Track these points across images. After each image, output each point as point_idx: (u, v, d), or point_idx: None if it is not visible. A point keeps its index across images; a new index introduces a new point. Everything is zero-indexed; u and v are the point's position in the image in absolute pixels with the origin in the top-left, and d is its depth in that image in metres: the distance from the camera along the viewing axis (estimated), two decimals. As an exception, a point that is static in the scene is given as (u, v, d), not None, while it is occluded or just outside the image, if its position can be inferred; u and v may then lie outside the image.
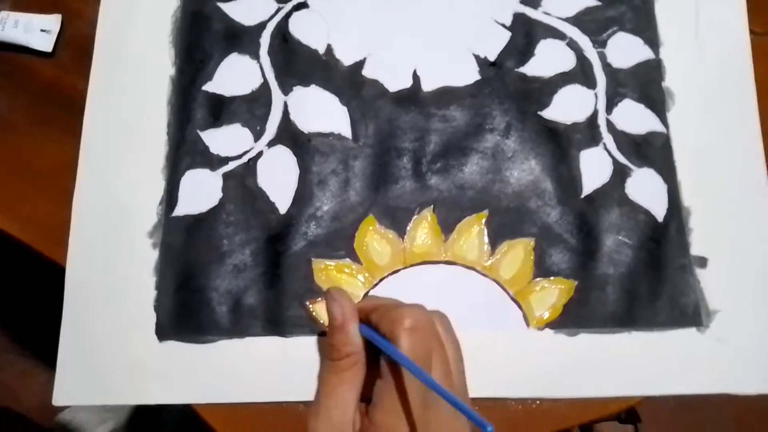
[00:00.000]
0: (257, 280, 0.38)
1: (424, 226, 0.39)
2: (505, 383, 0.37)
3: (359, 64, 0.42)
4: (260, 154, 0.40)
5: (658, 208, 0.39)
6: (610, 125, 0.41)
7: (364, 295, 0.38)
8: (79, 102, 0.42)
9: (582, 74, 0.42)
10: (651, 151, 0.40)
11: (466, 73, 0.42)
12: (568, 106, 0.41)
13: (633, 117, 0.41)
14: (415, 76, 0.42)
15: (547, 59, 0.42)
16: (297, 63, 0.42)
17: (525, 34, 0.43)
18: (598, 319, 0.38)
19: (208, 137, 0.41)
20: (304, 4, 0.43)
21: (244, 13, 0.43)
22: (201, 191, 0.40)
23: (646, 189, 0.40)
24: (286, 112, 0.41)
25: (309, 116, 0.41)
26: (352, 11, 0.43)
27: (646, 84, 0.42)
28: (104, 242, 0.39)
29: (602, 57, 0.42)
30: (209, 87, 0.42)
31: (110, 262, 0.39)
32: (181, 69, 0.42)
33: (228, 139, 0.41)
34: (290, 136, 0.41)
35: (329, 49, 0.42)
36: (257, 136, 0.41)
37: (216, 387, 0.37)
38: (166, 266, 0.39)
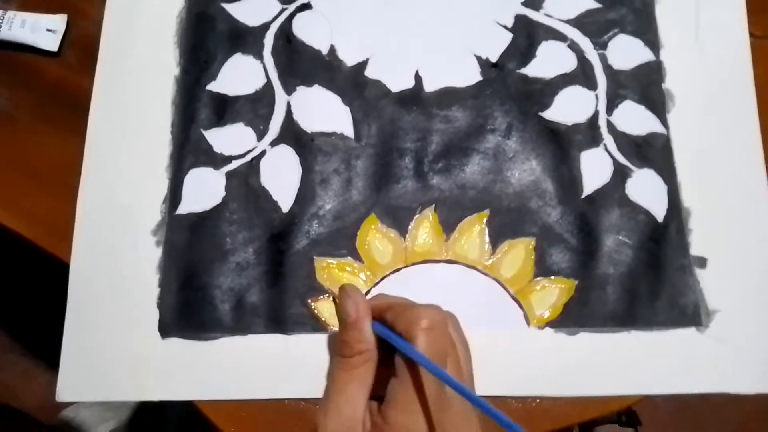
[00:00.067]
0: (260, 278, 0.38)
1: (425, 226, 0.39)
2: (506, 382, 0.37)
3: (362, 65, 0.43)
4: (263, 154, 0.41)
5: (658, 208, 0.40)
6: (611, 126, 0.41)
7: (366, 294, 0.38)
8: (84, 101, 0.42)
9: (583, 75, 0.42)
10: (651, 152, 0.41)
11: (468, 74, 0.42)
12: (569, 107, 0.42)
13: (633, 118, 0.41)
14: (418, 77, 0.42)
15: (549, 61, 0.43)
16: (300, 63, 0.43)
17: (526, 36, 0.43)
18: (598, 319, 0.38)
19: (211, 136, 0.41)
20: (307, 5, 0.44)
21: (248, 13, 0.44)
22: (204, 190, 0.40)
23: (646, 189, 0.40)
24: (289, 112, 0.42)
25: (312, 116, 0.41)
26: (355, 12, 0.44)
27: (646, 85, 0.42)
28: (108, 240, 0.39)
29: (603, 59, 0.43)
30: (213, 87, 0.42)
31: (114, 259, 0.39)
32: (185, 69, 0.43)
33: (231, 139, 0.41)
34: (293, 135, 0.41)
35: (332, 49, 0.43)
36: (260, 136, 0.41)
37: (218, 384, 0.37)
38: (170, 264, 0.39)
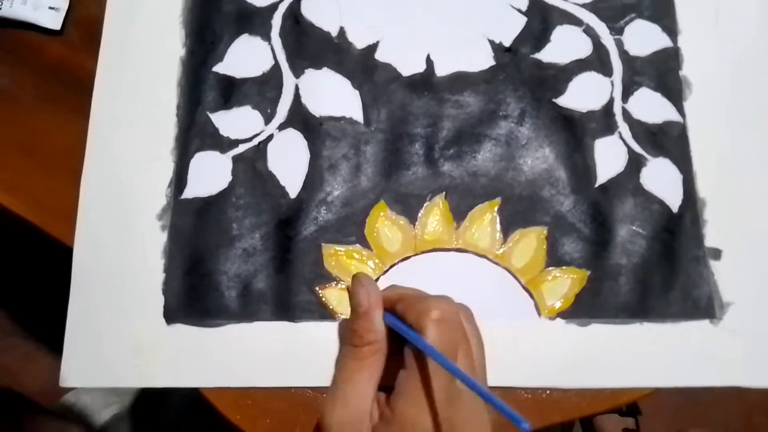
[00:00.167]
0: (266, 264, 0.38)
1: (435, 213, 0.39)
2: (515, 373, 0.36)
3: (372, 48, 0.42)
4: (271, 138, 0.40)
5: (673, 198, 0.39)
6: (626, 114, 0.40)
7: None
8: (87, 81, 0.41)
9: (598, 61, 0.41)
10: (667, 140, 0.40)
11: (481, 59, 0.41)
12: (584, 94, 0.41)
13: (649, 106, 0.40)
14: (429, 61, 0.41)
15: (563, 46, 0.42)
16: (309, 45, 0.42)
17: (541, 20, 0.42)
18: (610, 310, 0.37)
19: (218, 119, 0.40)
20: (316, -14, 0.43)
21: (255, -7, 0.43)
22: (210, 174, 0.39)
23: (661, 179, 0.39)
24: (297, 95, 0.41)
25: (320, 100, 0.40)
26: (365, -7, 0.43)
27: (663, 72, 0.41)
28: (112, 224, 0.39)
29: (619, 44, 0.42)
30: (220, 68, 0.41)
31: (118, 244, 0.38)
32: (191, 50, 0.42)
33: (238, 122, 0.40)
34: (301, 119, 0.40)
35: (342, 31, 0.42)
36: (268, 119, 0.40)
37: (224, 371, 0.37)
38: (175, 249, 0.38)
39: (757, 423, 0.85)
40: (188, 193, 0.39)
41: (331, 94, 0.41)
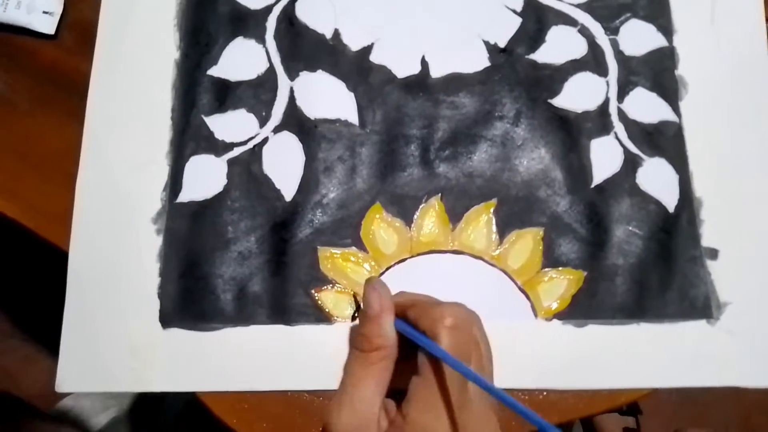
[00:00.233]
0: (262, 267, 0.38)
1: (431, 215, 0.39)
2: (512, 374, 0.36)
3: (367, 50, 0.41)
4: (266, 140, 0.40)
5: (670, 198, 0.39)
6: (622, 114, 0.40)
7: (365, 282, 0.37)
8: (81, 85, 0.41)
9: (593, 62, 0.41)
10: (663, 140, 0.40)
11: (476, 60, 0.41)
12: (579, 94, 0.41)
13: (645, 106, 0.40)
14: (424, 62, 0.41)
15: (558, 46, 0.41)
16: (304, 48, 0.41)
17: (536, 20, 0.42)
18: (607, 311, 0.37)
19: (213, 122, 0.40)
20: (311, -12, 0.43)
21: (250, -4, 0.42)
22: (206, 177, 0.39)
23: (657, 179, 0.39)
24: (292, 98, 0.41)
25: (315, 102, 0.40)
26: (359, -5, 0.43)
27: (658, 72, 0.41)
28: (107, 228, 0.39)
29: (614, 44, 0.41)
30: (214, 71, 0.41)
31: (113, 248, 0.38)
32: (185, 53, 0.42)
33: (233, 125, 0.40)
34: (296, 122, 0.40)
35: (336, 33, 0.42)
36: (263, 122, 0.40)
37: (220, 375, 0.36)
38: (171, 253, 0.38)
39: (756, 423, 0.85)
40: (183, 196, 0.39)
41: (326, 97, 0.40)
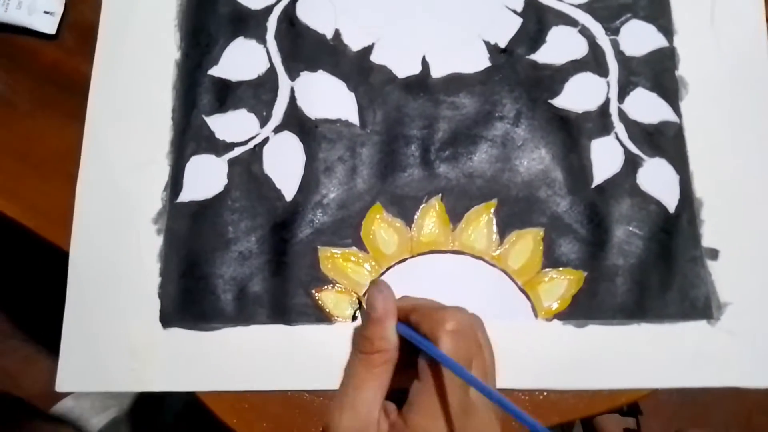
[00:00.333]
0: (262, 267, 0.38)
1: (431, 215, 0.39)
2: (513, 374, 0.36)
3: (367, 50, 0.41)
4: (266, 140, 0.40)
5: (670, 198, 0.39)
6: (622, 114, 0.40)
7: (371, 284, 0.37)
8: (82, 85, 0.41)
9: (594, 62, 0.41)
10: (663, 140, 0.40)
11: (476, 60, 0.41)
12: (580, 95, 0.41)
13: (645, 106, 0.40)
14: (424, 63, 0.41)
15: (559, 46, 0.41)
16: (304, 48, 0.41)
17: (536, 21, 0.42)
18: (608, 311, 0.37)
19: (213, 122, 0.40)
20: (311, -12, 0.43)
21: (250, -4, 0.42)
22: (206, 177, 0.39)
23: (657, 179, 0.39)
24: (292, 98, 0.41)
25: (316, 102, 0.40)
26: (360, -5, 0.43)
27: (659, 72, 0.41)
28: (108, 228, 0.39)
29: (615, 44, 0.41)
30: (215, 71, 0.41)
31: (114, 248, 0.38)
32: (186, 53, 0.42)
33: (234, 125, 0.40)
34: (297, 122, 0.40)
35: (337, 33, 0.42)
36: (263, 122, 0.40)
37: (220, 375, 0.36)
38: (171, 253, 0.38)
39: (757, 423, 0.85)
40: (184, 196, 0.39)
41: (326, 97, 0.40)
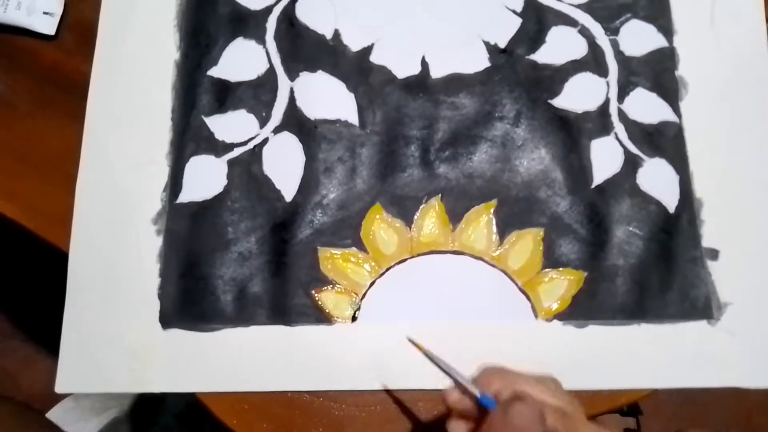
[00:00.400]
0: (262, 268, 0.38)
1: (431, 215, 0.39)
2: (513, 375, 0.36)
3: (367, 50, 0.41)
4: (266, 141, 0.40)
5: (670, 199, 0.39)
6: (622, 114, 0.40)
7: (371, 285, 0.37)
8: (81, 85, 0.41)
9: (594, 62, 0.41)
10: (663, 141, 0.40)
11: (476, 60, 0.41)
12: (580, 95, 0.41)
13: (645, 106, 0.40)
14: (424, 63, 0.41)
15: (559, 46, 0.41)
16: (304, 48, 0.41)
17: (536, 21, 0.42)
18: (608, 311, 0.37)
19: (213, 123, 0.40)
20: (311, -12, 0.43)
21: (250, -4, 0.42)
22: (206, 178, 0.39)
23: (657, 179, 0.39)
24: (292, 98, 0.40)
25: (316, 103, 0.40)
26: (360, -4, 0.43)
27: (659, 73, 0.41)
28: (107, 229, 0.39)
29: (614, 44, 0.41)
30: (214, 72, 0.41)
31: (114, 248, 0.38)
32: (185, 53, 0.42)
33: (233, 126, 0.40)
34: (296, 122, 0.40)
35: (337, 34, 0.42)
36: (263, 123, 0.40)
37: (220, 376, 0.36)
38: (171, 253, 0.38)
39: (756, 423, 0.85)
40: (183, 197, 0.39)
41: (326, 97, 0.40)
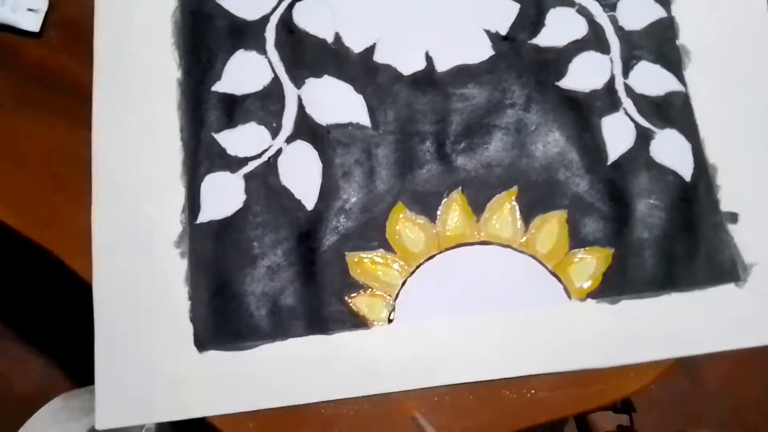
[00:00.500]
0: (293, 279, 0.37)
1: (454, 209, 0.39)
2: (553, 358, 0.36)
3: (370, 50, 0.41)
4: (280, 152, 0.39)
5: (685, 168, 0.39)
6: (629, 89, 0.41)
7: (402, 284, 0.37)
8: (67, 83, 0.41)
9: (595, 40, 0.41)
10: (671, 111, 0.40)
11: (480, 50, 0.41)
12: (585, 74, 0.41)
13: (650, 78, 0.41)
14: (428, 57, 0.41)
15: (559, 28, 0.42)
16: (306, 54, 0.41)
17: (534, 5, 0.42)
18: (638, 284, 0.37)
19: (223, 139, 0.40)
20: (306, -7, 0.42)
21: (245, 7, 0.42)
22: (223, 195, 0.39)
23: (670, 150, 0.40)
24: (301, 106, 0.40)
25: (325, 108, 0.40)
26: (356, -4, 0.42)
27: (660, 44, 0.41)
28: (130, 257, 0.38)
29: (614, 20, 0.42)
30: (219, 87, 0.40)
31: (139, 276, 0.38)
32: (187, 71, 0.41)
33: (245, 139, 0.40)
34: (308, 130, 0.40)
35: (337, 36, 0.41)
36: (274, 134, 0.40)
37: (262, 392, 0.36)
38: (197, 275, 0.37)
39: (752, 422, 0.86)
40: (203, 216, 0.38)
41: (335, 101, 0.40)
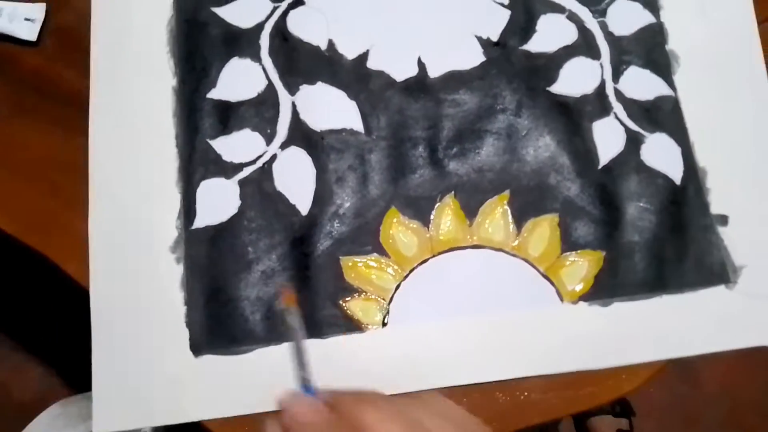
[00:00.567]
0: (287, 284, 0.38)
1: (447, 213, 0.39)
2: (547, 361, 0.37)
3: (363, 57, 0.42)
4: (274, 158, 0.40)
5: (675, 171, 0.40)
6: (619, 94, 0.41)
7: (396, 288, 0.38)
8: (63, 92, 0.41)
9: (585, 46, 0.42)
10: (661, 115, 0.41)
11: (471, 56, 0.42)
12: (575, 79, 0.41)
13: (640, 83, 0.41)
14: (420, 63, 0.42)
15: (549, 34, 0.42)
16: (300, 61, 0.41)
17: (524, 11, 0.42)
18: (630, 287, 0.38)
19: (218, 145, 0.40)
20: (300, 1, 0.43)
21: (239, 15, 0.42)
22: (219, 201, 0.39)
23: (660, 154, 0.40)
24: (295, 112, 0.41)
25: (319, 114, 0.40)
26: (349, 3, 0.43)
27: (650, 49, 0.42)
28: (127, 262, 0.38)
29: (603, 26, 0.42)
30: (214, 94, 0.41)
31: (135, 281, 0.38)
32: (182, 79, 0.41)
33: (239, 146, 0.40)
34: (302, 136, 0.40)
35: (331, 44, 0.42)
36: (269, 140, 0.40)
37: (258, 396, 0.36)
38: (193, 280, 0.38)
39: (750, 424, 0.86)
40: (199, 222, 0.39)
41: (328, 108, 0.41)
